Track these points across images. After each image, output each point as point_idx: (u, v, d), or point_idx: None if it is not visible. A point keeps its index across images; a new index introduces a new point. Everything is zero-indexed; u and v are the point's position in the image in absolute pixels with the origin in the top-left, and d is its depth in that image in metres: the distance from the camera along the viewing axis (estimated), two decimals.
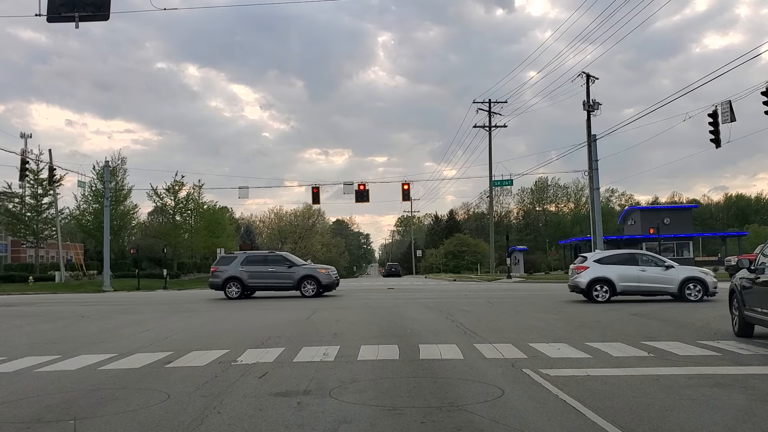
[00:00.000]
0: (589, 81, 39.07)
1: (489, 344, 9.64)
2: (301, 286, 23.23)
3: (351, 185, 39.77)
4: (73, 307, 22.50)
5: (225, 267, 23.86)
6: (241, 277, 23.41)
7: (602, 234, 40.79)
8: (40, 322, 15.96)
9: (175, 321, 15.34)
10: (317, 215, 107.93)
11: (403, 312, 16.11)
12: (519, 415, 5.42)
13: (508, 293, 24.73)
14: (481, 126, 53.42)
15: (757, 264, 9.89)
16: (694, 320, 12.74)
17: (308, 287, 23.22)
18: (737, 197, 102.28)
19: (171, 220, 64.39)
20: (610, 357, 8.36)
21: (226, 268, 23.79)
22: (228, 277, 23.56)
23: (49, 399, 6.43)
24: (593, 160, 39.05)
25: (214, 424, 5.31)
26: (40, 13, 14.94)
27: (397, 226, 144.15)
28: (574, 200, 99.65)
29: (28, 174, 42.95)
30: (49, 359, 9.14)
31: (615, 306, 16.56)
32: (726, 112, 23.30)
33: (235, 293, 23.36)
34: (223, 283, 23.66)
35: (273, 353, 9.10)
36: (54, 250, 58.66)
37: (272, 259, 24.21)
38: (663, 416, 5.30)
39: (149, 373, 7.80)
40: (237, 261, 23.92)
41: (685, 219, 59.40)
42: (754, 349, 8.91)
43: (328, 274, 23.89)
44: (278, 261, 24.01)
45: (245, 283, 23.43)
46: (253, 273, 23.46)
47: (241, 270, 23.49)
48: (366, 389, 6.58)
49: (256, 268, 23.57)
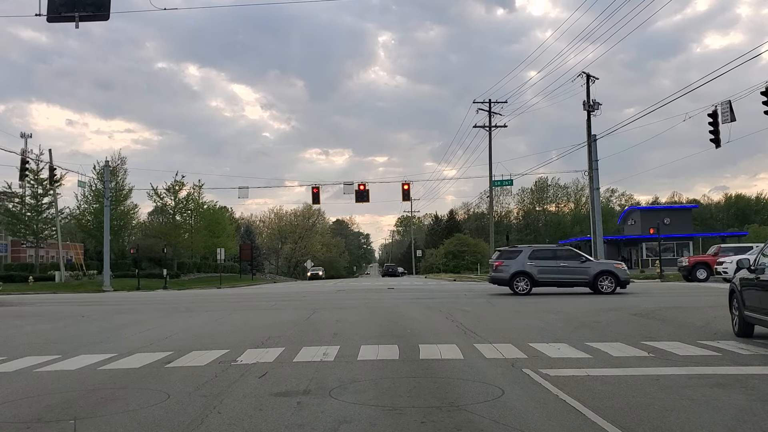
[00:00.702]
0: (589, 81, 39.08)
1: (489, 344, 9.64)
2: (597, 282, 22.17)
3: (351, 185, 39.80)
4: (73, 307, 22.50)
5: (510, 261, 23.07)
6: (531, 272, 22.67)
7: (602, 234, 40.76)
8: (40, 322, 15.96)
9: (175, 321, 15.34)
10: (317, 215, 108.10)
11: (403, 312, 16.11)
12: (519, 415, 5.42)
13: (508, 293, 24.71)
14: (481, 126, 53.38)
15: (757, 264, 9.88)
16: (694, 320, 12.74)
17: (605, 283, 22.14)
18: (737, 197, 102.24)
19: (171, 220, 64.43)
20: (610, 357, 8.36)
21: (511, 262, 23.03)
22: (516, 272, 22.79)
23: (49, 399, 6.43)
24: (593, 160, 39.07)
25: (214, 424, 5.31)
26: (40, 13, 14.94)
27: (397, 226, 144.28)
28: (574, 200, 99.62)
29: (28, 174, 42.97)
30: (49, 359, 9.14)
31: (615, 306, 16.55)
32: (726, 112, 23.31)
33: (523, 288, 22.63)
34: (510, 278, 22.86)
35: (273, 353, 9.10)
36: (54, 250, 58.63)
37: (563, 253, 23.77)
38: (663, 416, 5.30)
39: (149, 373, 7.80)
40: (523, 255, 23.11)
41: (685, 219, 59.43)
42: (754, 349, 8.91)
43: (624, 270, 23.18)
44: (571, 256, 23.47)
45: (534, 278, 22.63)
46: (544, 268, 22.76)
47: (529, 264, 22.76)
48: (366, 389, 6.58)
49: (546, 263, 22.84)
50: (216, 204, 69.83)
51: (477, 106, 52.08)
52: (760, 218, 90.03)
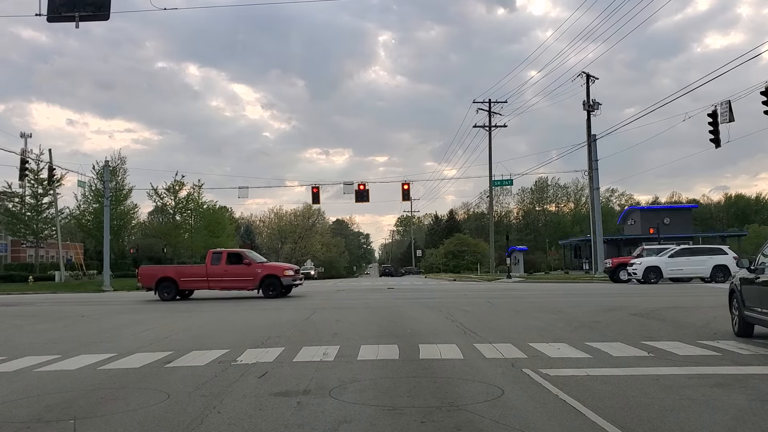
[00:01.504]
0: (589, 81, 39.13)
1: (489, 344, 9.64)
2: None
3: (351, 185, 39.80)
4: (73, 306, 22.49)
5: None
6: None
7: (602, 234, 40.78)
8: (40, 322, 15.96)
9: (175, 321, 15.34)
10: (317, 215, 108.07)
11: (403, 312, 16.11)
12: (519, 414, 5.42)
13: (508, 293, 24.72)
14: (481, 126, 53.43)
15: (757, 264, 9.88)
16: (694, 320, 12.74)
17: None
18: (737, 197, 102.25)
19: (171, 220, 64.43)
20: (610, 357, 8.36)
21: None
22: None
23: (49, 399, 6.43)
24: (593, 159, 39.09)
25: (214, 424, 5.31)
26: (40, 13, 14.95)
27: (397, 226, 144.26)
28: (574, 200, 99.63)
29: (28, 174, 42.94)
30: (49, 359, 9.14)
31: (615, 306, 16.55)
32: (725, 112, 23.34)
33: None
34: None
35: (273, 353, 9.10)
36: (54, 250, 58.66)
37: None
38: (663, 416, 5.30)
39: (149, 373, 7.80)
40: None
41: (685, 219, 59.44)
42: (754, 349, 8.91)
43: None
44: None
45: None
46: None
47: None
48: (366, 389, 6.58)
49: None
50: (216, 204, 69.82)
51: (477, 106, 52.16)
52: (760, 218, 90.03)
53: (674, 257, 30.17)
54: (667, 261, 30.15)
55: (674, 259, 30.10)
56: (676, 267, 30.09)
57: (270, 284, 23.56)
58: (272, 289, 23.52)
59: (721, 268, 29.25)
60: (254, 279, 23.52)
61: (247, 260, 24.14)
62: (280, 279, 23.58)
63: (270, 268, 24.38)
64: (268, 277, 23.55)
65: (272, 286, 23.55)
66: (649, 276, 29.71)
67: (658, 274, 29.84)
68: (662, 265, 30.02)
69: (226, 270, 23.81)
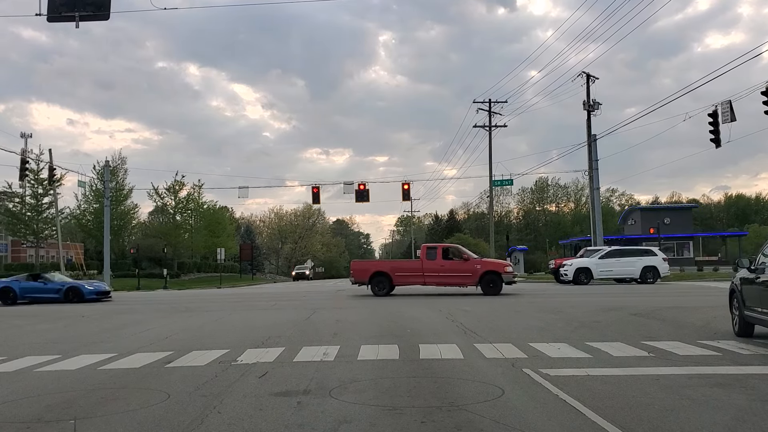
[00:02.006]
0: (589, 81, 39.10)
1: (489, 344, 9.64)
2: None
3: (351, 185, 39.77)
4: (73, 306, 22.51)
5: None
6: None
7: (602, 234, 40.78)
8: (40, 322, 15.98)
9: (175, 321, 15.34)
10: (317, 215, 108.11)
11: (403, 312, 16.11)
12: (519, 414, 5.42)
13: (507, 293, 24.69)
14: (481, 126, 53.36)
15: (757, 264, 9.88)
16: (694, 320, 12.74)
17: None
18: (737, 197, 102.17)
19: (171, 220, 64.47)
20: (610, 357, 8.36)
21: None
22: None
23: (49, 399, 6.43)
24: (593, 159, 39.08)
25: (214, 424, 5.31)
26: (40, 13, 14.95)
27: (397, 226, 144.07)
28: (574, 200, 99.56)
29: (28, 174, 42.93)
30: (49, 359, 9.15)
31: (615, 306, 16.55)
32: (726, 111, 23.32)
33: None
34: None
35: (273, 353, 9.11)
36: (54, 250, 58.62)
37: None
38: (663, 416, 5.30)
39: (149, 373, 7.80)
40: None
41: (686, 219, 59.44)
42: (754, 349, 8.91)
43: None
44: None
45: None
46: None
47: None
48: (366, 389, 6.58)
49: None
50: (216, 204, 69.91)
51: (477, 106, 52.04)
52: (760, 218, 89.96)
53: (604, 258, 30.64)
54: (597, 262, 30.55)
55: (604, 260, 30.56)
56: (606, 268, 30.48)
57: (491, 280, 23.00)
58: (493, 284, 22.97)
59: (650, 269, 29.76)
60: (474, 275, 23.26)
61: (465, 255, 24.02)
62: (501, 275, 23.28)
63: (490, 264, 23.99)
64: (489, 273, 23.21)
65: (493, 282, 22.97)
66: (580, 277, 30.11)
67: (589, 275, 30.21)
68: (592, 267, 30.40)
69: (442, 265, 23.60)
